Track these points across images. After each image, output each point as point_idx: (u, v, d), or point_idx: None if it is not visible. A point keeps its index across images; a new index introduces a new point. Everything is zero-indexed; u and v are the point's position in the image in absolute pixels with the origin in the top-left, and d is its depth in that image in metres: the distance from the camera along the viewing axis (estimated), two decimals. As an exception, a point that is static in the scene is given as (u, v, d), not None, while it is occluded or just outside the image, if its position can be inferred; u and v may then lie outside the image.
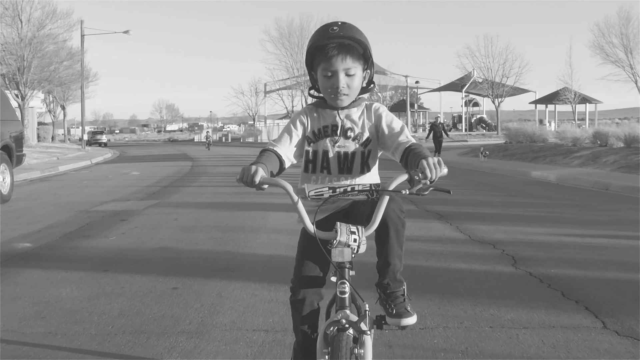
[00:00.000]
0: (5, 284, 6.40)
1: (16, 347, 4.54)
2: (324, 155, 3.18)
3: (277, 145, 3.16)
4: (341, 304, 2.80)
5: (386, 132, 3.15)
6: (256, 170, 2.77)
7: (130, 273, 6.80)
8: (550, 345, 4.46)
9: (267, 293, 5.87)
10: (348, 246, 2.75)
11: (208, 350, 4.40)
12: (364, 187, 2.86)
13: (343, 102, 3.14)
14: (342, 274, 2.81)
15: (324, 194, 2.84)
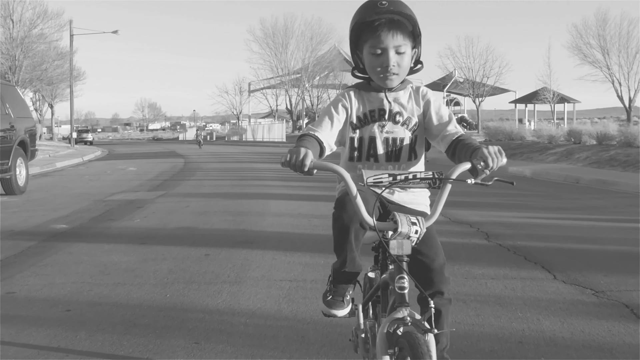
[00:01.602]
0: (62, 254, 7.65)
1: (96, 292, 5.81)
2: (371, 142, 3.04)
3: (317, 130, 2.96)
4: (400, 300, 2.58)
5: (434, 119, 3.05)
6: (306, 154, 2.56)
7: (165, 245, 8.08)
8: (511, 289, 5.80)
9: (284, 257, 7.18)
10: (408, 238, 2.59)
11: (249, 293, 5.70)
12: (426, 174, 2.69)
13: (393, 82, 3.00)
14: (400, 268, 2.61)
15: (383, 181, 2.68)
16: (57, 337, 4.56)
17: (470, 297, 5.53)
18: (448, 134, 2.97)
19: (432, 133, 3.05)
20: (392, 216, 2.62)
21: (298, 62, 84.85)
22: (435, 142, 3.06)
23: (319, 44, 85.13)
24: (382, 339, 2.56)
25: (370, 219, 2.61)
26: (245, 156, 37.04)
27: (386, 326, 2.55)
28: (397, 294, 2.59)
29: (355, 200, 2.60)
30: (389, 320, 2.56)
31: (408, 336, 2.44)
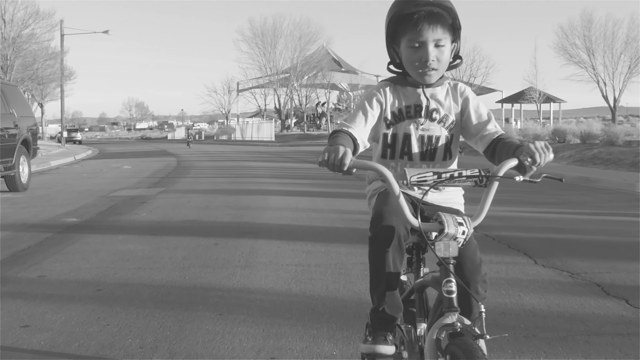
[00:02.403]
0: (79, 244, 8.22)
1: (120, 275, 6.40)
2: (405, 139, 2.93)
3: (350, 126, 2.86)
4: (449, 305, 2.47)
5: (473, 118, 2.96)
6: (345, 152, 2.47)
7: (174, 235, 8.68)
8: (495, 271, 6.43)
9: (287, 246, 7.79)
10: (455, 239, 2.50)
11: (259, 275, 6.31)
12: (472, 172, 2.58)
13: (431, 78, 2.87)
14: (448, 271, 2.50)
15: (428, 179, 2.58)
16: (95, 310, 5.16)
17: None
18: (487, 133, 2.89)
19: (470, 132, 2.96)
20: (437, 217, 2.52)
21: (286, 61, 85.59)
22: (472, 141, 2.98)
23: (308, 44, 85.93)
24: (431, 346, 2.46)
25: (414, 220, 2.51)
26: (236, 155, 37.60)
27: (435, 333, 2.45)
28: (445, 298, 2.48)
29: (398, 200, 2.51)
30: (437, 326, 2.45)
31: (461, 343, 2.33)
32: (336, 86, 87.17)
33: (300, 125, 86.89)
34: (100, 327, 4.74)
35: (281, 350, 4.21)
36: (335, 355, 4.12)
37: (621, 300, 5.37)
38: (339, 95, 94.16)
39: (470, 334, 2.38)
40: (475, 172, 2.58)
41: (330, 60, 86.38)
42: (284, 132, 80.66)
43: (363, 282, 5.93)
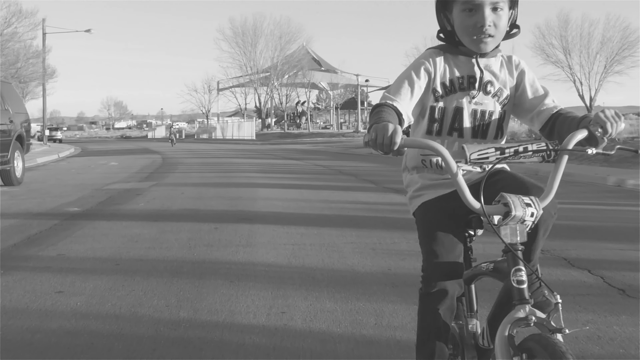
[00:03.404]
0: (88, 229, 8.82)
1: (134, 254, 7.02)
2: (456, 114, 2.70)
3: (395, 99, 2.57)
4: (520, 297, 2.25)
5: (528, 92, 2.73)
6: (395, 130, 2.21)
7: (175, 221, 9.31)
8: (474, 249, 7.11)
9: (282, 229, 8.45)
10: (522, 222, 2.28)
11: (261, 252, 6.97)
12: (539, 146, 2.36)
13: (487, 46, 2.62)
14: (517, 259, 2.28)
15: (490, 156, 2.34)
16: (119, 279, 5.80)
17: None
18: (545, 108, 2.68)
19: (525, 108, 2.75)
20: (501, 198, 2.30)
21: (267, 60, 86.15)
22: (527, 118, 2.76)
23: (288, 43, 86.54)
24: (503, 343, 2.22)
25: (476, 203, 2.29)
26: (220, 152, 38.15)
27: (507, 329, 2.22)
28: (515, 289, 2.24)
29: (456, 179, 2.29)
30: (508, 321, 2.23)
31: (540, 339, 2.11)
32: (316, 85, 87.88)
33: (280, 124, 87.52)
34: (127, 292, 5.38)
35: (289, 307, 4.87)
36: (336, 310, 4.78)
37: (584, 270, 6.09)
38: (318, 94, 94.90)
39: (546, 329, 2.14)
40: (542, 146, 2.35)
41: (310, 59, 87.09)
42: (265, 130, 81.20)
43: (355, 257, 6.64)
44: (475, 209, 2.31)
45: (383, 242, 7.45)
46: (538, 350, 2.09)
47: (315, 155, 32.20)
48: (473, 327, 2.79)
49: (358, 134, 57.70)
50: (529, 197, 2.30)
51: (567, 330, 2.12)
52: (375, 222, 9.06)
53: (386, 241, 7.53)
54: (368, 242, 7.44)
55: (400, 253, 6.86)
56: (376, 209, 10.60)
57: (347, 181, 16.36)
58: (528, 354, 2.15)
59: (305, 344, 4.10)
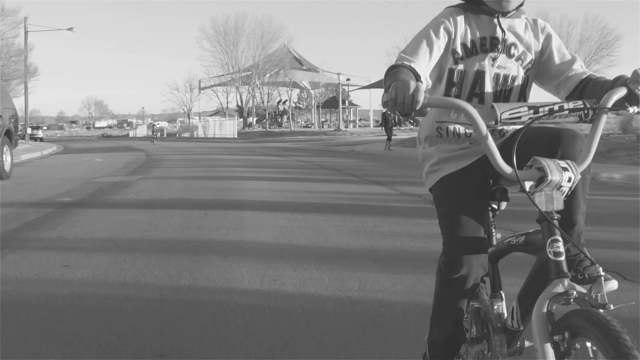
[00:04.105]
0: (83, 215, 9.22)
1: (130, 236, 7.44)
2: (478, 77, 2.52)
3: (412, 60, 2.39)
4: (558, 270, 2.06)
5: (555, 57, 2.57)
6: (417, 88, 2.02)
7: (167, 209, 9.72)
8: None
9: (269, 215, 8.90)
10: (559, 188, 2.10)
11: (251, 233, 7.41)
12: (575, 104, 2.18)
13: (510, 4, 2.48)
14: (553, 228, 2.10)
15: (522, 116, 2.16)
16: (120, 256, 6.22)
17: (419, 234, 7.32)
18: (574, 74, 2.52)
19: (551, 74, 2.58)
20: (534, 162, 2.13)
21: (249, 59, 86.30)
22: (552, 85, 2.59)
23: (270, 42, 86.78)
24: (541, 321, 2.02)
25: (507, 167, 2.12)
26: (203, 150, 38.44)
27: (545, 305, 2.03)
28: (552, 262, 2.06)
29: (484, 138, 2.10)
30: (547, 297, 2.04)
31: (586, 314, 1.90)
32: (297, 84, 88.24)
33: (262, 123, 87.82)
34: (129, 265, 5.81)
35: (280, 276, 5.32)
36: (324, 278, 5.24)
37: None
38: (299, 93, 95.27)
39: (587, 304, 1.96)
40: (580, 105, 2.18)
41: (291, 58, 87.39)
42: (246, 129, 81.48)
43: (339, 237, 7.09)
44: (507, 174, 2.12)
45: (365, 225, 7.91)
46: (585, 327, 1.86)
47: (298, 152, 32.61)
48: (498, 308, 2.57)
49: (339, 133, 58.17)
50: (566, 161, 2.11)
51: (611, 305, 1.91)
52: (357, 209, 9.52)
53: (368, 224, 7.99)
54: (351, 225, 7.90)
55: (382, 234, 7.32)
56: (358, 198, 11.06)
57: (330, 175, 16.81)
58: (571, 331, 1.93)
59: (296, 303, 4.55)
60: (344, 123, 72.54)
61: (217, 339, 3.82)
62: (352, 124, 78.88)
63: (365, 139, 45.71)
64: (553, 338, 1.99)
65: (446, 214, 2.52)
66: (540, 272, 2.19)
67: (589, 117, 2.18)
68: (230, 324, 4.10)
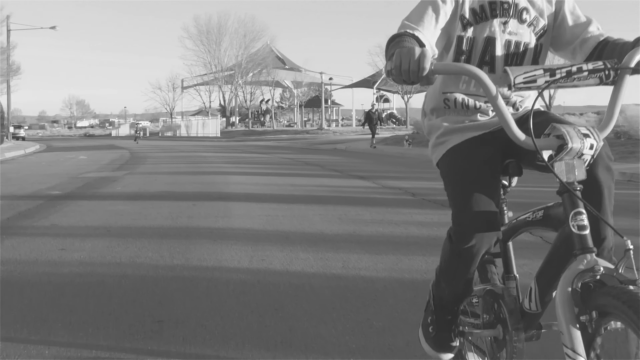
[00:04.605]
0: (74, 206, 9.47)
1: (122, 223, 7.71)
2: (488, 44, 2.39)
3: (417, 28, 2.26)
4: (582, 245, 1.91)
5: (569, 20, 2.43)
6: (422, 53, 1.91)
7: (155, 200, 10.00)
8: (430, 219, 7.93)
9: (255, 205, 9.20)
10: (580, 156, 1.95)
11: (239, 221, 7.71)
12: (595, 65, 2.04)
13: None
14: (576, 200, 1.94)
15: (538, 79, 2.02)
16: (114, 241, 6.50)
17: (400, 222, 7.64)
18: (590, 36, 2.37)
19: (565, 39, 2.44)
20: (552, 129, 1.99)
21: (231, 59, 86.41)
22: (568, 51, 2.45)
23: (252, 42, 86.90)
24: (566, 301, 1.87)
25: (522, 134, 1.99)
26: (187, 148, 38.64)
27: (570, 283, 1.88)
28: (575, 236, 1.92)
29: (497, 104, 1.99)
30: (571, 274, 1.89)
31: (617, 292, 1.74)
32: (280, 84, 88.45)
33: (244, 122, 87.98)
34: (123, 248, 6.09)
35: (268, 256, 5.63)
36: (309, 258, 5.55)
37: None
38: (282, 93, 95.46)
39: (616, 280, 1.80)
40: (600, 65, 2.04)
41: (274, 57, 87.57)
42: (229, 128, 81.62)
43: (323, 224, 7.40)
44: (521, 141, 1.99)
45: (348, 214, 8.23)
46: (614, 305, 1.72)
47: (281, 150, 32.89)
48: (512, 290, 2.39)
49: (322, 131, 58.48)
50: (586, 127, 1.97)
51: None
52: (340, 200, 9.83)
53: (351, 213, 8.31)
54: (334, 214, 8.21)
55: (364, 221, 7.64)
56: (341, 190, 11.38)
57: (314, 170, 17.13)
58: (599, 311, 1.80)
59: (284, 279, 4.86)
60: (327, 122, 72.86)
61: (211, 307, 4.13)
62: (334, 123, 79.20)
63: (347, 138, 46.07)
64: (580, 319, 1.84)
65: (455, 187, 2.36)
66: (562, 248, 2.04)
67: (610, 79, 2.05)
68: (223, 295, 4.40)
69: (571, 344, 1.84)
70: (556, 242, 2.11)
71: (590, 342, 1.85)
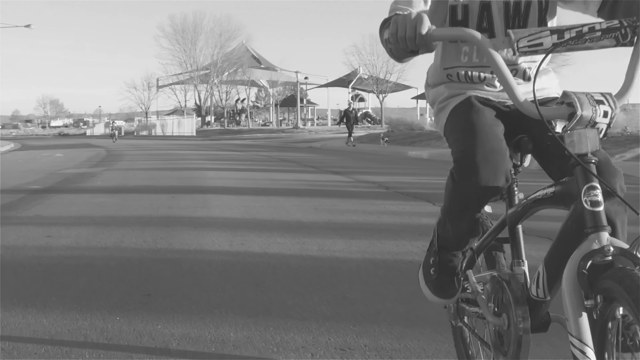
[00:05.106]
0: (56, 199, 9.67)
1: (106, 213, 7.95)
2: (483, 10, 2.18)
3: (407, 8, 2.07)
4: (595, 222, 1.71)
5: None
6: (419, 18, 1.79)
7: (135, 193, 10.24)
8: (402, 208, 8.25)
9: (234, 197, 9.47)
10: (593, 125, 1.75)
11: (219, 210, 7.99)
12: (610, 24, 1.82)
13: None
14: (588, 174, 1.74)
15: (544, 41, 1.82)
16: (98, 228, 6.74)
17: (373, 211, 7.95)
18: None
19: None
20: (563, 97, 1.80)
21: (207, 58, 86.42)
22: (579, 2, 2.17)
23: (228, 41, 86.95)
24: (572, 285, 1.70)
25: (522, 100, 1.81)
26: (163, 146, 38.75)
27: (577, 265, 1.69)
28: (587, 212, 1.73)
29: (501, 70, 1.81)
30: (580, 254, 1.70)
31: (623, 277, 1.57)
32: (256, 83, 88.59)
33: (220, 121, 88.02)
34: (108, 235, 6.34)
35: (247, 241, 5.92)
36: (286, 242, 5.85)
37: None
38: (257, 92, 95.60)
39: (630, 263, 1.64)
40: (615, 24, 1.83)
41: (250, 57, 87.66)
42: (205, 127, 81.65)
43: (299, 214, 7.69)
44: (524, 107, 1.80)
45: (324, 205, 8.52)
46: (618, 291, 1.56)
47: (257, 148, 33.11)
48: (521, 277, 2.14)
49: (297, 130, 58.77)
50: (602, 93, 1.77)
51: None
52: (316, 192, 10.12)
53: (326, 204, 8.60)
54: (310, 205, 8.50)
55: (339, 211, 7.94)
56: (317, 184, 11.68)
57: (290, 166, 17.41)
58: (605, 295, 1.63)
59: (263, 260, 5.15)
60: (302, 121, 73.15)
61: (195, 283, 4.41)
62: (310, 123, 79.51)
63: (323, 137, 46.38)
64: (585, 304, 1.67)
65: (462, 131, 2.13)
66: (573, 227, 1.80)
67: (627, 39, 1.82)
68: (206, 274, 4.68)
69: (577, 331, 1.68)
70: (567, 221, 1.85)
71: (601, 330, 1.66)
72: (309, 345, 3.17)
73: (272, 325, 3.47)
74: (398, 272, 4.70)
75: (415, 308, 3.76)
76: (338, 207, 8.27)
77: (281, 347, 3.15)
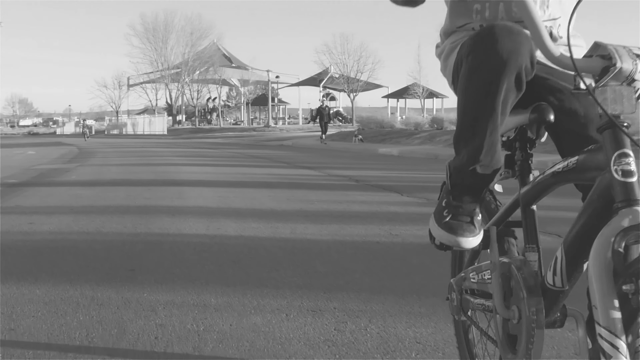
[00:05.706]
0: (33, 191, 9.88)
1: (85, 204, 8.19)
2: None
3: None
4: (627, 195, 1.41)
5: None
6: None
7: (110, 186, 10.48)
8: (372, 199, 8.58)
9: (208, 189, 9.75)
10: (631, 82, 1.45)
11: (192, 202, 8.26)
12: None
13: None
14: (621, 138, 1.45)
15: None
16: (78, 215, 7.00)
17: (344, 201, 8.28)
18: None
19: None
20: (595, 49, 1.51)
21: (178, 56, 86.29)
22: None
23: (199, 39, 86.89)
24: (603, 267, 1.39)
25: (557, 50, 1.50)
26: (135, 144, 38.76)
27: (609, 244, 1.38)
28: (618, 184, 1.42)
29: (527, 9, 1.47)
30: (611, 232, 1.39)
31: None
32: (227, 82, 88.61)
33: (191, 120, 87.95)
34: (89, 221, 6.61)
35: (222, 226, 6.23)
36: (260, 227, 6.16)
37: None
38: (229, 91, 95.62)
39: None
40: None
41: (221, 56, 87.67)
42: (176, 126, 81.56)
43: (272, 203, 8.00)
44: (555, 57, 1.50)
45: (295, 195, 8.84)
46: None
47: (228, 146, 33.33)
48: (534, 264, 1.83)
49: (269, 129, 59.00)
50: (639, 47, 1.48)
51: None
52: (288, 185, 10.44)
53: (298, 195, 8.92)
54: (283, 196, 8.82)
55: (310, 201, 8.25)
56: (289, 178, 12.01)
57: (262, 162, 17.72)
58: None
59: (239, 242, 5.46)
60: (274, 120, 73.38)
61: (175, 261, 4.71)
62: (281, 121, 79.76)
63: (294, 135, 46.67)
64: (622, 288, 1.37)
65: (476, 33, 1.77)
66: (600, 201, 1.50)
67: None
68: (186, 253, 4.98)
69: (606, 321, 1.36)
70: (592, 195, 1.53)
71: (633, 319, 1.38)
72: (284, 307, 3.49)
73: (250, 293, 3.78)
74: (366, 251, 5.03)
75: (381, 279, 4.10)
76: (309, 198, 8.58)
77: (258, 309, 3.46)
